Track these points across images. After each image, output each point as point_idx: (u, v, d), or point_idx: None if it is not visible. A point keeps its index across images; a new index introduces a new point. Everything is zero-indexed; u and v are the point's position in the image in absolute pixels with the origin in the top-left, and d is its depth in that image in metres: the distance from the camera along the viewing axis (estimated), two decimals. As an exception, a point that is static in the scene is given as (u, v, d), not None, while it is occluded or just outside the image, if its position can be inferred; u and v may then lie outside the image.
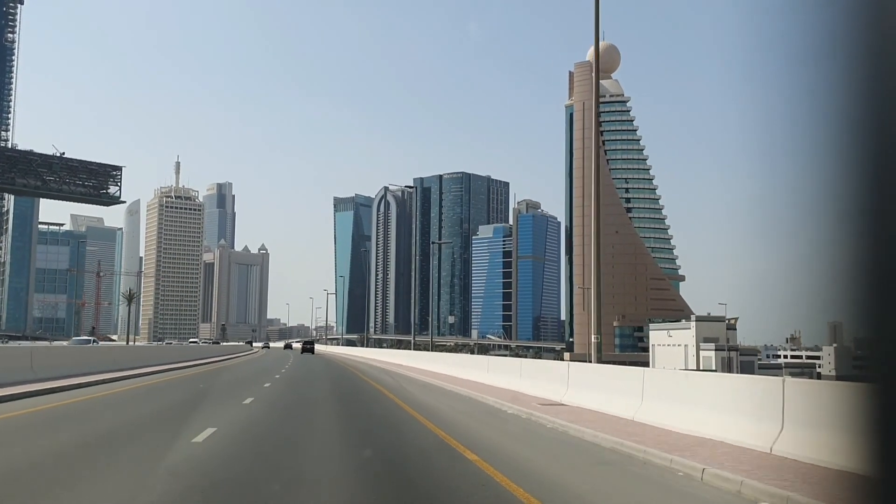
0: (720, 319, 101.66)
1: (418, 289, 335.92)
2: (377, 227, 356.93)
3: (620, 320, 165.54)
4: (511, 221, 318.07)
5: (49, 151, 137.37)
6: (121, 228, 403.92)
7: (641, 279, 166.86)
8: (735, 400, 10.33)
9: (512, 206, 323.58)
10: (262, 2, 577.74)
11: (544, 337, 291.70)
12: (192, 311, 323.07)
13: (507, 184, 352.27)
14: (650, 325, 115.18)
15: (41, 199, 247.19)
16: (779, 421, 8.84)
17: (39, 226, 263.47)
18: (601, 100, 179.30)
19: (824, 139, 1.45)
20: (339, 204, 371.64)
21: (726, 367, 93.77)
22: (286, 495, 6.90)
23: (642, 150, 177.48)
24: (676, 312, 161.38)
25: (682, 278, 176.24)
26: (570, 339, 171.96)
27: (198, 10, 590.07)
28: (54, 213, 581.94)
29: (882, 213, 1.39)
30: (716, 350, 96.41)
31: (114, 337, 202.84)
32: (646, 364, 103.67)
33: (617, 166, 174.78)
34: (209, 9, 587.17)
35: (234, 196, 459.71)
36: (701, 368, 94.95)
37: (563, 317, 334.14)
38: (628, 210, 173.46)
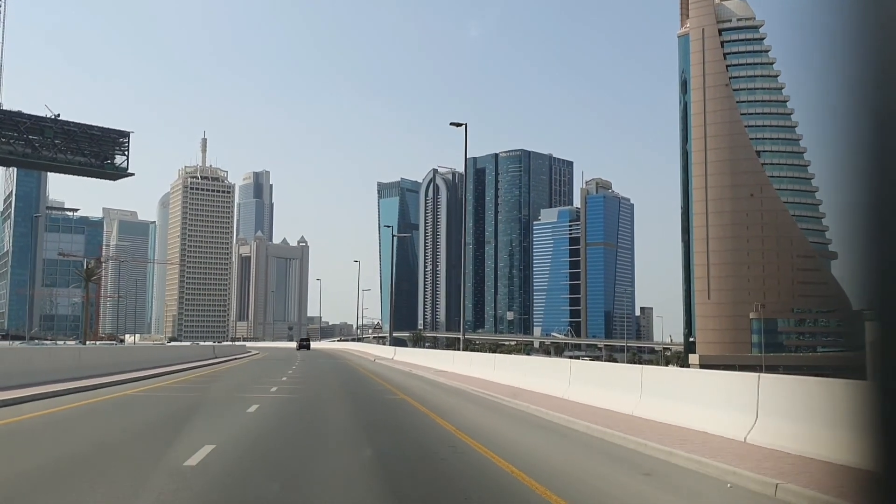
0: None
1: (472, 282, 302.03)
2: (426, 214, 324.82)
3: (760, 311, 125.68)
4: (578, 204, 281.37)
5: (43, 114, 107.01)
6: (153, 222, 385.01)
7: (785, 257, 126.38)
8: None
9: (578, 186, 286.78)
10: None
11: (616, 335, 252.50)
12: (222, 306, 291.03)
13: (570, 163, 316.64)
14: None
15: (51, 184, 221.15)
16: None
17: (50, 211, 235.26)
18: (724, 26, 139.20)
19: None
20: (383, 190, 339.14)
21: None
22: None
23: (781, 89, 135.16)
24: (830, 300, 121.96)
25: (834, 255, 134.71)
26: (692, 339, 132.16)
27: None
28: (81, 203, 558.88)
29: None
30: None
31: (125, 336, 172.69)
32: (816, 373, 68.76)
33: (747, 111, 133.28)
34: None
35: (271, 185, 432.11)
36: None
37: (637, 312, 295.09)
38: (762, 166, 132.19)
